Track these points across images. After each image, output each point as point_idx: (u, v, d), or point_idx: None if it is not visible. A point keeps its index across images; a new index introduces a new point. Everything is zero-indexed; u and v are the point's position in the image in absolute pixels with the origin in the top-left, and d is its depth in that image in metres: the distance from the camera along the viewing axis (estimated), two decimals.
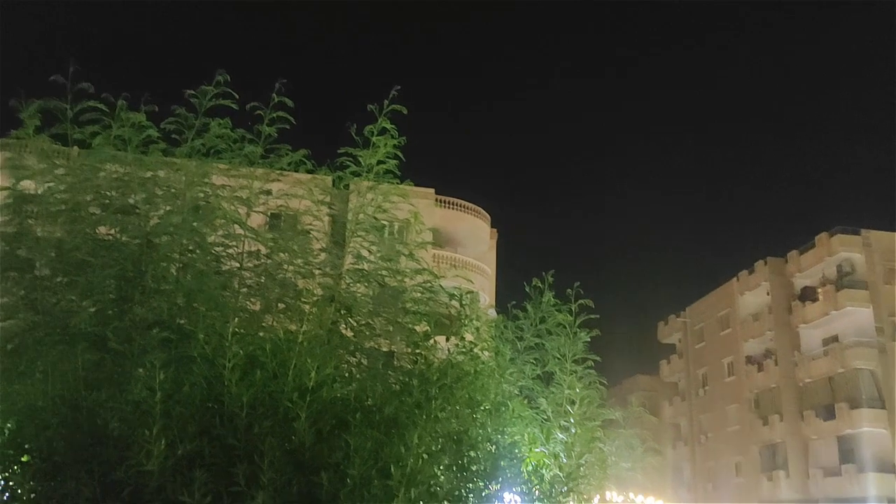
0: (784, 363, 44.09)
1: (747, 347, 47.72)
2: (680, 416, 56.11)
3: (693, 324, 55.32)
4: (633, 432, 6.92)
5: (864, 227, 42.15)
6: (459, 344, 5.83)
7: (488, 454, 4.87)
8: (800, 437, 42.53)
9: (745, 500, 45.69)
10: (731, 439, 48.26)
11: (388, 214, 7.06)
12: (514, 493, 4.97)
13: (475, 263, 34.27)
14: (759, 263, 47.66)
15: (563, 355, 6.36)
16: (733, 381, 48.88)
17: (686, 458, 54.41)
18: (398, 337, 5.82)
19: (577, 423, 5.77)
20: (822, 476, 40.15)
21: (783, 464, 42.98)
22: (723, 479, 48.89)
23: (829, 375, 41.27)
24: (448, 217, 35.06)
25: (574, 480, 5.32)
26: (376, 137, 7.00)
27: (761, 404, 45.86)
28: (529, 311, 6.41)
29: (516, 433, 5.63)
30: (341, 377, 5.14)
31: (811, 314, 43.05)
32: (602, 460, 6.02)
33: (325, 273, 6.70)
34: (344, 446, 4.37)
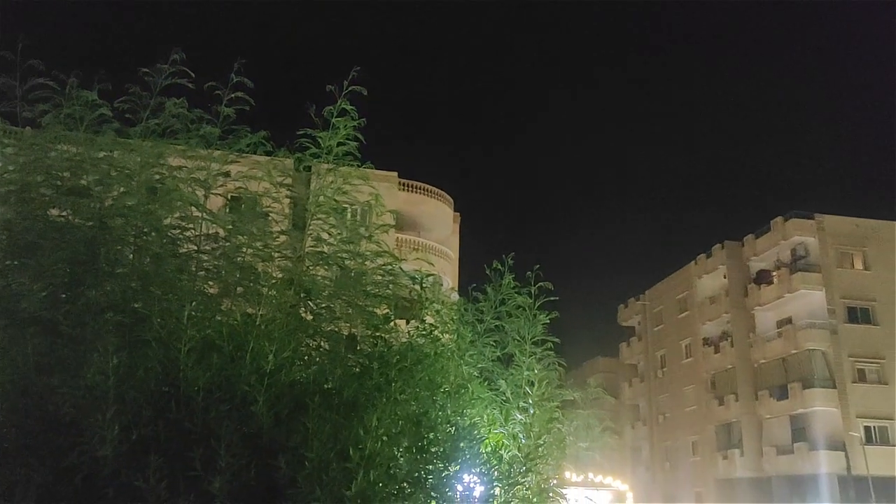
0: (740, 345, 45.13)
1: (705, 329, 48.70)
2: (639, 397, 57.16)
3: (652, 307, 56.25)
4: (592, 413, 7.04)
5: (818, 212, 43.14)
6: (420, 327, 5.84)
7: (448, 436, 4.89)
8: (754, 416, 43.64)
9: (701, 478, 46.85)
10: (688, 419, 49.32)
11: (348, 197, 7.00)
12: (473, 473, 5.01)
13: (438, 247, 34.31)
14: (716, 247, 48.57)
15: (523, 337, 6.41)
16: (691, 362, 49.89)
17: (645, 437, 55.51)
18: (358, 320, 5.80)
19: (535, 404, 5.83)
20: (775, 454, 41.29)
21: (738, 442, 44.09)
22: (680, 457, 50.01)
23: (783, 356, 42.36)
24: (411, 200, 34.98)
25: (532, 461, 5.38)
26: (336, 119, 6.93)
27: (717, 385, 46.92)
28: (489, 293, 6.44)
29: (476, 415, 5.67)
30: (300, 360, 5.11)
31: (766, 297, 44.07)
32: (560, 440, 6.10)
33: (284, 256, 6.63)
34: (302, 430, 4.35)
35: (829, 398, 39.33)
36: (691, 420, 48.93)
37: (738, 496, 43.23)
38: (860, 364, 40.11)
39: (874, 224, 42.87)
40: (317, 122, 6.84)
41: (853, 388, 39.35)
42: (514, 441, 5.61)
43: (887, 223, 43.02)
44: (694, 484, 47.77)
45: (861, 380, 39.82)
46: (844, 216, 42.99)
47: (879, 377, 39.99)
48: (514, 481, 5.22)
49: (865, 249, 42.19)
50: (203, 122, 6.65)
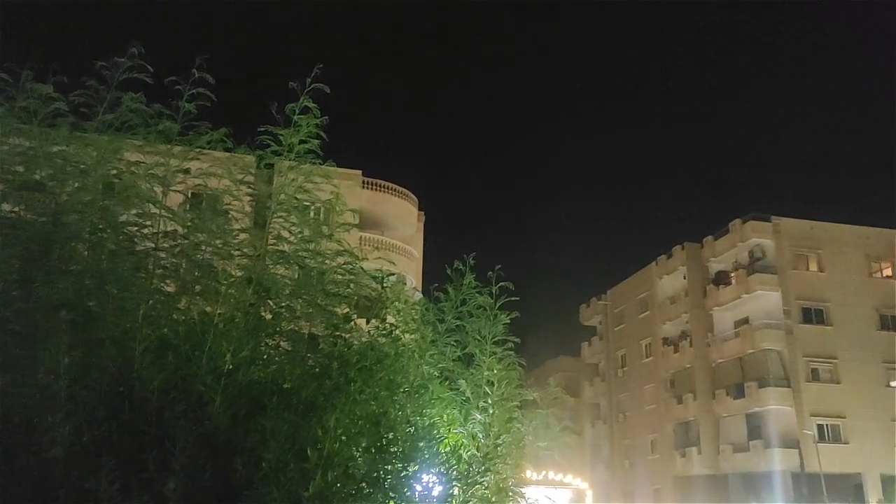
0: (698, 344, 45.90)
1: (664, 329, 49.44)
2: (600, 396, 57.78)
3: (613, 307, 56.91)
4: (551, 412, 7.08)
5: (775, 215, 44.09)
6: (380, 326, 5.83)
7: (407, 436, 4.89)
8: (711, 414, 44.43)
9: (659, 476, 47.54)
10: (647, 418, 50.01)
11: (309, 195, 6.96)
12: (432, 473, 5.01)
13: (402, 246, 34.27)
14: (676, 248, 49.33)
15: (484, 337, 6.43)
16: (650, 361, 50.59)
17: (605, 436, 56.14)
18: (319, 319, 5.76)
19: (495, 403, 5.85)
20: (731, 452, 42.09)
21: (696, 440, 44.84)
22: (639, 455, 50.68)
23: (740, 356, 43.21)
24: (375, 199, 34.88)
25: (491, 460, 5.41)
26: (298, 116, 6.89)
27: (676, 384, 47.66)
28: (451, 293, 6.44)
29: (435, 414, 5.68)
30: (259, 360, 5.06)
31: (724, 297, 44.90)
32: (519, 440, 6.13)
33: (244, 254, 6.56)
34: (260, 430, 4.31)
35: (784, 397, 40.22)
36: (650, 419, 49.63)
37: (695, 493, 43.99)
38: (814, 364, 41.10)
39: (828, 227, 43.96)
40: (279, 119, 6.79)
41: (807, 387, 40.30)
42: (473, 441, 5.62)
43: (841, 226, 44.17)
44: (652, 481, 48.47)
45: (815, 379, 40.81)
46: (800, 219, 43.98)
47: (832, 376, 41.02)
48: (472, 481, 5.24)
49: (820, 252, 43.24)
50: (163, 117, 6.56)
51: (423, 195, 63.38)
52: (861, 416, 39.93)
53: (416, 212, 37.60)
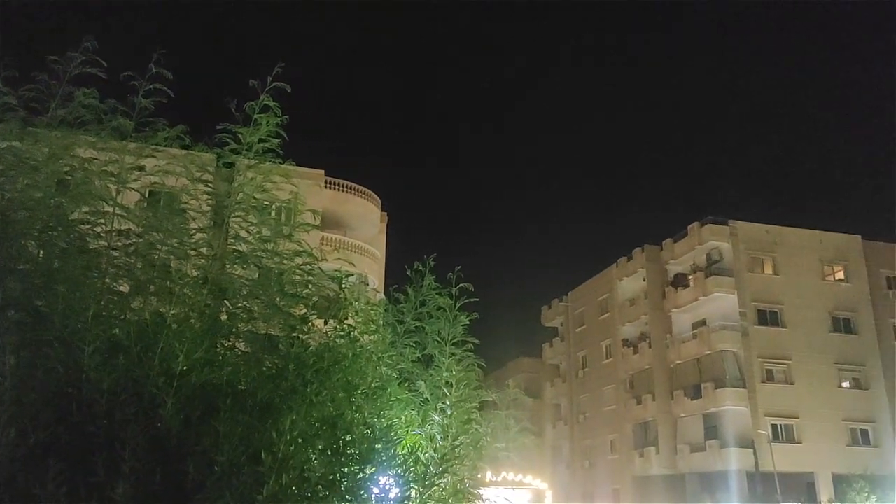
0: (657, 346, 46.55)
1: (624, 331, 50.03)
2: (560, 397, 58.23)
3: (575, 308, 57.41)
4: (510, 413, 7.12)
5: (732, 219, 44.92)
6: (338, 327, 5.79)
7: (364, 438, 4.85)
8: (670, 415, 45.09)
9: (618, 476, 48.09)
10: (607, 418, 50.55)
11: (269, 195, 6.89)
12: (389, 475, 4.99)
13: (364, 246, 34.13)
14: (636, 251, 49.95)
15: (443, 338, 6.43)
16: (611, 362, 51.15)
17: (565, 436, 56.59)
18: (275, 320, 5.70)
19: (453, 405, 5.85)
20: (688, 451, 42.75)
21: (654, 440, 45.46)
22: (599, 456, 51.21)
23: (698, 357, 43.91)
24: (337, 199, 34.69)
25: (448, 462, 5.40)
26: (258, 115, 6.81)
27: (635, 385, 48.26)
28: (410, 294, 6.43)
29: (393, 416, 5.65)
30: (213, 361, 4.98)
31: (682, 299, 45.60)
32: (477, 441, 6.14)
33: (200, 254, 6.46)
34: (213, 433, 4.24)
35: (740, 397, 40.98)
36: (610, 419, 50.17)
37: (653, 493, 44.60)
38: (768, 364, 41.96)
39: (783, 231, 44.94)
40: (238, 117, 6.71)
41: (762, 388, 41.13)
42: (431, 442, 5.61)
43: (795, 230, 45.19)
44: (612, 481, 49.00)
45: (769, 380, 41.66)
46: (756, 223, 44.87)
47: (786, 377, 41.93)
48: (430, 483, 5.22)
49: (775, 255, 44.17)
50: (117, 113, 6.42)
51: (388, 196, 63.18)
52: (814, 416, 40.90)
53: (379, 212, 37.48)
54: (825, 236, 45.50)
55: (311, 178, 33.07)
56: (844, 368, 42.87)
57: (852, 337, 43.56)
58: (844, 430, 41.43)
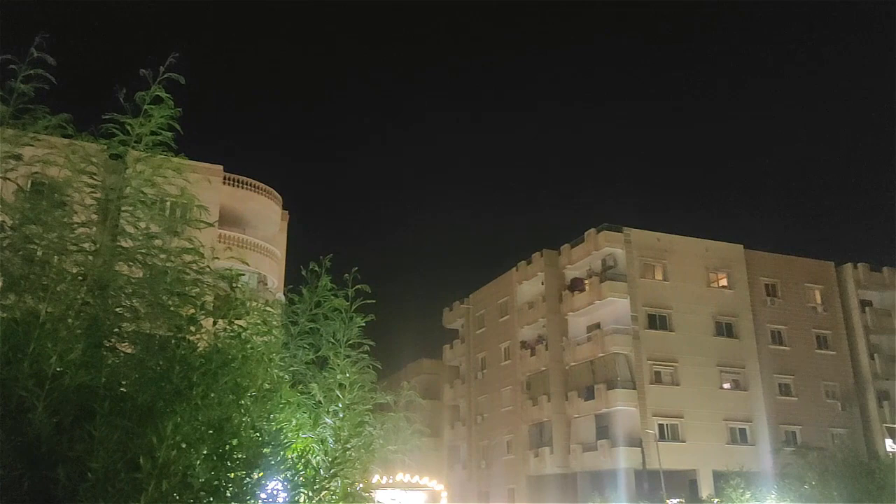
0: (553, 348, 47.68)
1: (523, 333, 50.97)
2: (460, 398, 58.72)
3: (475, 310, 58.05)
4: (409, 415, 7.10)
5: (627, 226, 46.61)
6: (229, 328, 5.62)
7: (252, 441, 4.73)
8: (564, 415, 46.28)
9: (514, 476, 48.97)
10: (504, 419, 51.37)
11: (159, 189, 6.62)
12: (277, 480, 4.88)
13: (263, 245, 33.36)
14: (536, 255, 51.01)
15: (338, 340, 6.36)
16: (509, 364, 52.01)
17: (463, 437, 57.12)
18: (162, 320, 5.47)
19: (346, 407, 5.79)
20: (581, 451, 44.00)
21: (549, 440, 46.55)
22: (496, 456, 51.96)
23: (591, 359, 45.26)
24: (237, 196, 33.78)
25: (339, 465, 5.34)
26: (149, 106, 6.55)
27: (532, 386, 49.26)
28: (305, 295, 6.33)
29: (284, 419, 5.54)
30: (91, 363, 4.73)
31: (579, 303, 46.90)
32: (369, 444, 6.10)
33: (82, 249, 6.14)
34: (88, 438, 4.04)
35: (630, 398, 42.53)
36: (507, 420, 51.01)
37: (546, 492, 45.68)
38: (657, 367, 43.76)
39: (673, 239, 47.02)
40: (128, 108, 6.42)
41: (650, 389, 42.84)
42: (322, 445, 5.53)
43: (684, 238, 47.38)
44: (507, 481, 49.83)
45: (657, 381, 43.44)
46: (648, 230, 46.74)
47: (673, 379, 43.85)
48: (320, 487, 5.15)
49: (665, 262, 46.14)
50: None
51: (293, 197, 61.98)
52: (697, 416, 42.98)
53: (280, 210, 36.72)
54: (711, 245, 47.93)
55: (209, 173, 32.06)
56: (726, 370, 45.26)
57: (733, 341, 46.04)
58: (724, 429, 43.74)
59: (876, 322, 50.32)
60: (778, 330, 47.96)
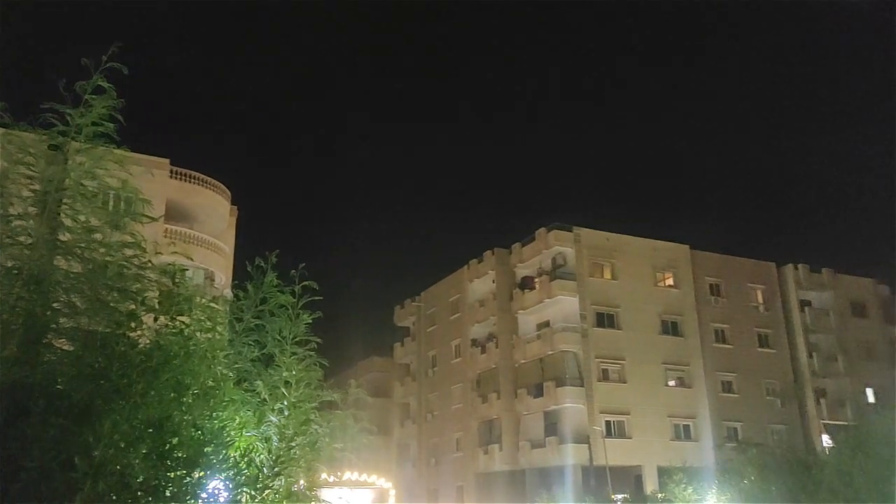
0: (504, 346, 48.00)
1: (473, 331, 51.17)
2: (410, 396, 58.67)
3: (427, 308, 58.07)
4: (358, 413, 7.06)
5: (577, 225, 47.19)
6: (171, 324, 5.51)
7: (193, 440, 4.64)
8: (513, 413, 46.63)
9: (463, 473, 49.17)
10: (454, 416, 51.53)
11: (100, 181, 6.46)
12: (219, 479, 4.80)
13: (211, 240, 32.80)
14: (487, 253, 51.27)
15: (284, 337, 6.29)
16: (459, 362, 52.17)
17: (413, 435, 57.10)
18: (101, 316, 5.33)
19: (291, 405, 5.73)
20: (529, 448, 44.40)
21: (498, 438, 46.83)
22: (445, 454, 52.08)
23: (541, 357, 45.70)
24: (184, 190, 33.13)
25: (283, 464, 5.29)
26: (90, 96, 6.38)
27: (482, 383, 49.50)
28: (250, 291, 6.24)
29: (227, 417, 5.45)
30: (26, 359, 4.59)
31: (528, 301, 47.30)
32: (314, 442, 6.04)
33: (17, 242, 5.94)
34: (21, 437, 3.91)
35: (578, 395, 43.08)
36: (457, 417, 51.18)
37: (495, 489, 45.97)
38: (605, 364, 44.43)
39: (621, 238, 47.79)
40: (66, 96, 6.24)
41: (598, 387, 43.48)
42: (266, 444, 5.47)
43: (632, 238, 48.20)
44: (456, 479, 49.99)
45: (605, 379, 44.11)
46: (598, 230, 47.41)
47: (620, 376, 44.58)
48: (263, 486, 5.09)
49: (613, 261, 46.86)
50: None
51: (245, 194, 60.98)
52: (642, 413, 43.79)
53: (229, 205, 36.12)
54: (658, 245, 48.86)
55: (156, 166, 31.37)
56: (671, 368, 46.21)
57: (679, 339, 47.04)
58: (669, 426, 44.66)
59: (815, 321, 52.00)
60: (721, 329, 49.16)
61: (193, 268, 18.06)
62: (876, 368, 52.44)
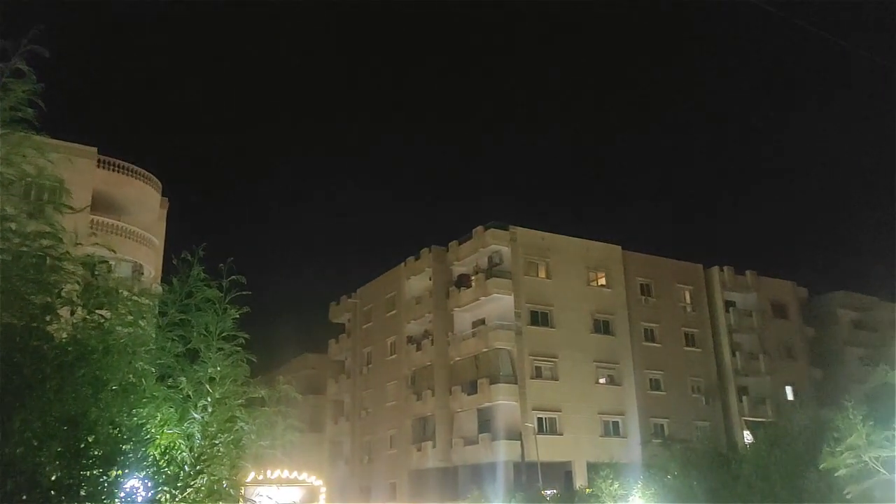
0: (439, 343, 48.13)
1: (409, 328, 51.13)
2: (344, 393, 58.28)
3: (363, 305, 57.74)
4: (278, 409, 6.95)
5: (513, 224, 47.65)
6: (90, 318, 5.32)
7: (110, 438, 4.49)
8: (447, 410, 46.82)
9: (396, 470, 49.11)
10: (388, 414, 51.41)
11: (17, 169, 6.19)
12: (138, 478, 4.66)
13: (140, 233, 31.86)
14: (424, 251, 51.31)
15: (210, 332, 6.16)
16: (395, 359, 52.07)
17: (347, 432, 56.74)
18: (14, 308, 5.10)
19: (216, 401, 5.61)
20: (463, 445, 44.66)
21: (431, 435, 46.95)
22: (379, 451, 51.93)
23: (476, 354, 46.00)
24: (112, 180, 32.12)
25: (206, 461, 5.17)
26: (8, 79, 6.12)
27: (417, 381, 49.54)
28: (175, 284, 6.08)
29: (147, 414, 5.30)
30: None
31: (464, 299, 47.56)
32: (239, 439, 5.93)
33: None
34: None
35: (511, 392, 43.54)
36: (391, 415, 51.07)
37: (427, 486, 46.07)
38: (538, 362, 45.01)
39: (556, 238, 48.50)
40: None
41: (531, 384, 44.02)
42: (188, 441, 5.33)
43: (566, 238, 48.96)
44: (389, 476, 49.91)
45: (538, 376, 44.70)
46: (533, 229, 47.99)
47: (553, 374, 45.24)
48: (184, 484, 4.96)
49: (548, 260, 47.51)
50: None
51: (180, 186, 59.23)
52: (573, 409, 44.54)
53: (160, 197, 35.15)
54: (591, 245, 49.75)
55: (82, 155, 30.32)
56: (602, 366, 47.14)
57: (610, 338, 48.02)
58: (599, 423, 45.55)
59: (738, 322, 53.88)
60: (651, 328, 50.41)
61: (118, 260, 17.47)
62: (794, 367, 54.77)
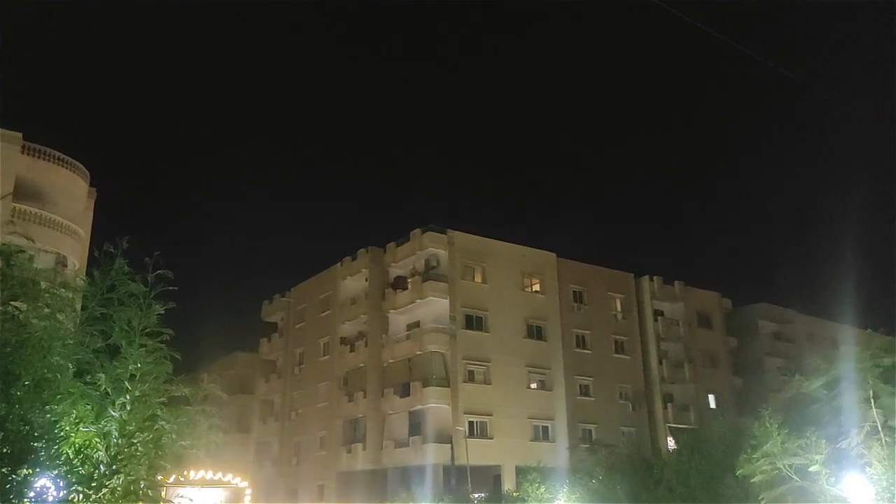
0: (373, 345, 47.90)
1: (343, 329, 50.74)
2: (274, 393, 57.43)
3: (296, 304, 57.03)
4: (201, 409, 6.78)
5: (450, 228, 47.84)
6: (2, 309, 5.09)
7: (20, 435, 4.30)
8: (379, 412, 46.62)
9: (325, 472, 48.61)
10: (319, 415, 50.87)
11: None
12: (49, 477, 4.48)
13: (64, 223, 30.73)
14: (361, 251, 51.02)
15: (133, 327, 5.96)
16: (327, 360, 51.58)
17: (275, 433, 55.89)
18: None
19: (135, 399, 5.43)
20: (393, 447, 44.53)
21: (362, 437, 46.67)
22: (308, 452, 51.32)
23: (409, 357, 45.97)
24: (36, 167, 30.91)
25: (123, 461, 5.00)
26: None
27: (349, 382, 49.18)
28: (96, 278, 5.86)
29: (62, 411, 5.09)
30: None
31: (400, 301, 47.47)
32: (158, 438, 5.76)
33: None
34: None
35: (443, 396, 43.64)
36: (322, 416, 50.55)
37: (356, 487, 45.75)
38: (471, 366, 45.24)
39: (493, 243, 48.90)
40: None
41: (463, 387, 44.21)
42: (105, 440, 5.15)
43: (503, 243, 49.43)
44: (318, 478, 49.36)
45: (470, 380, 44.92)
46: (470, 234, 48.27)
47: (485, 378, 45.55)
48: (99, 484, 4.78)
49: (484, 265, 47.85)
50: None
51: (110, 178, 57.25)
52: (505, 414, 44.91)
53: (87, 187, 33.96)
54: (527, 251, 50.32)
55: (6, 140, 29.14)
56: (534, 371, 47.68)
57: (542, 343, 48.62)
58: (529, 427, 46.05)
59: (666, 330, 55.35)
60: (582, 334, 51.28)
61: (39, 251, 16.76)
62: (717, 376, 56.60)
